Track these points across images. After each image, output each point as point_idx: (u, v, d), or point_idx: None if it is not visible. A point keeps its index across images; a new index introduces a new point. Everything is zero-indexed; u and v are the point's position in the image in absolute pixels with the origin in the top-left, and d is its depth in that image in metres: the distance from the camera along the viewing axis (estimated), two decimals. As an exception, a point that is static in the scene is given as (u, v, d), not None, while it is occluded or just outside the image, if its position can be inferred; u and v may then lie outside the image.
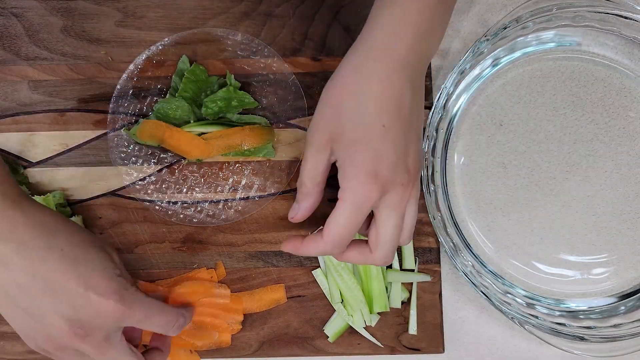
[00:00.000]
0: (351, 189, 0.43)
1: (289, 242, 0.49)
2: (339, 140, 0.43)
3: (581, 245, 0.57)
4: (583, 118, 0.58)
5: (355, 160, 0.43)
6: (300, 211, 0.48)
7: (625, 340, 0.53)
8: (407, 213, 0.46)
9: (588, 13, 0.55)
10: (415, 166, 0.45)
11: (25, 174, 0.58)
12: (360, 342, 0.57)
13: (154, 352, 0.51)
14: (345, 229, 0.44)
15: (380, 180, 0.43)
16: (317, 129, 0.45)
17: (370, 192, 0.43)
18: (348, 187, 0.43)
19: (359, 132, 0.43)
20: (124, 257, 0.58)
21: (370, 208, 0.44)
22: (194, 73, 0.56)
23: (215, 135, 0.55)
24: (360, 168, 0.43)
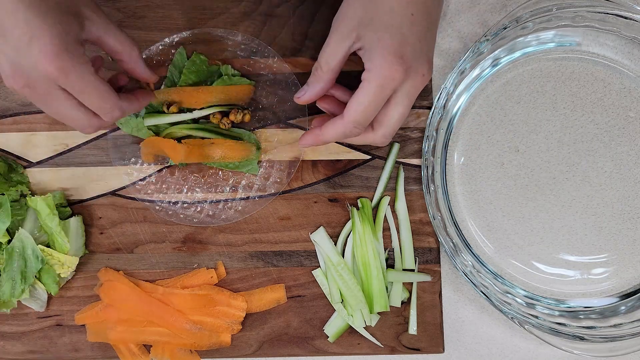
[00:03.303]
0: (377, 69, 0.45)
1: (307, 135, 0.50)
2: (368, 25, 0.45)
3: (581, 245, 0.57)
4: (583, 118, 0.58)
5: (384, 42, 0.45)
6: (307, 93, 0.50)
7: (625, 340, 0.53)
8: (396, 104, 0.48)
9: (588, 13, 0.55)
10: (431, 61, 0.48)
11: (25, 174, 0.58)
12: (360, 342, 0.57)
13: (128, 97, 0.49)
14: (369, 108, 0.46)
15: (405, 63, 0.45)
16: (344, 17, 0.46)
17: (395, 72, 0.45)
18: (374, 67, 0.45)
19: (388, 18, 0.45)
20: (124, 257, 0.58)
21: (392, 90, 0.46)
22: (194, 63, 0.56)
23: (197, 142, 0.56)
24: (387, 49, 0.45)
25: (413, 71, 0.46)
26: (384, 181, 0.58)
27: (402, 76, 0.45)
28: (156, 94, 0.56)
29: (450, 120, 0.58)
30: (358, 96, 0.46)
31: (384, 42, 0.45)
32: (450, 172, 0.58)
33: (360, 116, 0.46)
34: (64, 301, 0.58)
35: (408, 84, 0.46)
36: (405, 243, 0.57)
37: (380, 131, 0.49)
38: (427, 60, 0.47)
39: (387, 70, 0.45)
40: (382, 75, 0.45)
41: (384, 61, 0.45)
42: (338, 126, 0.48)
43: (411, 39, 0.45)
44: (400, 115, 0.48)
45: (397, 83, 0.45)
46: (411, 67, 0.45)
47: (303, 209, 0.58)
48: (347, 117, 0.47)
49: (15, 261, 0.55)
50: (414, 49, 0.45)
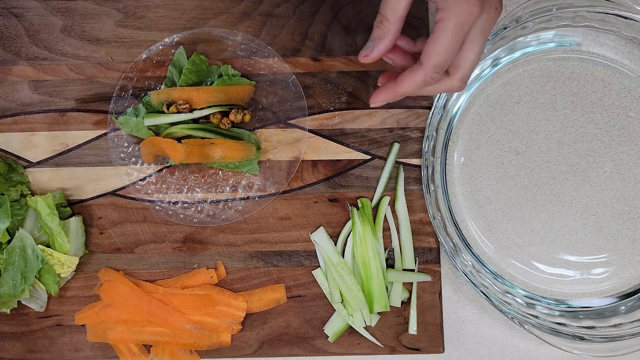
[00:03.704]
0: (454, 5, 0.42)
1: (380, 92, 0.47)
2: None
3: (581, 245, 0.57)
4: (583, 118, 0.58)
5: None
6: (375, 49, 0.46)
7: (625, 340, 0.53)
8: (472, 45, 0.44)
9: (588, 13, 0.55)
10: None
11: (25, 174, 0.58)
12: (360, 342, 0.57)
13: None
14: (449, 49, 0.43)
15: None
16: None
17: (473, 6, 0.42)
18: (450, 4, 0.42)
19: None
20: (124, 257, 0.58)
21: (471, 25, 0.43)
22: (194, 63, 0.56)
23: (197, 142, 0.56)
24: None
25: (487, 4, 0.43)
26: (384, 181, 0.58)
27: (479, 10, 0.42)
28: (156, 94, 0.56)
29: (450, 120, 0.58)
30: (437, 38, 0.42)
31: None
32: (450, 172, 0.58)
33: (442, 59, 0.43)
34: (64, 301, 0.58)
35: (483, 18, 0.43)
36: (405, 243, 0.57)
37: (457, 75, 0.45)
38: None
39: (465, 6, 0.42)
40: (460, 11, 0.42)
41: None
42: (418, 75, 0.44)
43: None
44: (476, 54, 0.44)
45: (475, 18, 0.42)
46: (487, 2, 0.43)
47: (303, 209, 0.58)
48: (427, 62, 0.43)
49: (16, 261, 0.55)
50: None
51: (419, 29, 0.58)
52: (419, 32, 0.58)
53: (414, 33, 0.58)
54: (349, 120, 0.58)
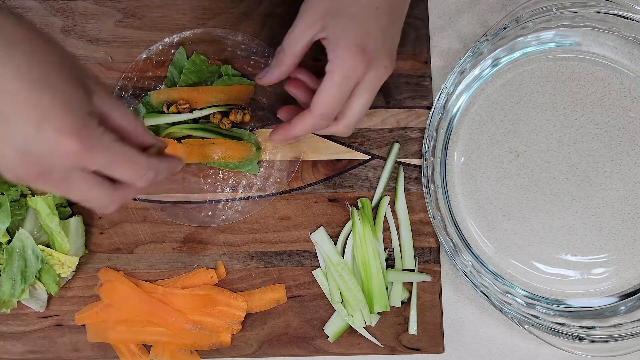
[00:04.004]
0: (341, 60, 0.46)
1: (277, 131, 0.51)
2: (334, 16, 0.46)
3: (581, 245, 0.57)
4: (583, 118, 0.58)
5: (347, 34, 0.46)
6: (268, 75, 0.50)
7: (625, 340, 0.53)
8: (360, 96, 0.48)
9: (588, 13, 0.55)
10: (394, 54, 0.48)
11: (25, 174, 0.58)
12: (360, 342, 0.57)
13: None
14: (335, 99, 0.47)
15: (367, 54, 0.46)
16: (312, 5, 0.47)
17: (358, 64, 0.46)
18: (338, 59, 0.46)
19: (354, 10, 0.46)
20: (124, 257, 0.58)
21: (356, 81, 0.47)
22: (194, 63, 0.56)
23: (197, 142, 0.56)
24: (351, 41, 0.45)
25: (375, 63, 0.46)
26: (384, 181, 0.58)
27: (365, 68, 0.46)
28: (156, 94, 0.56)
29: (450, 120, 0.58)
30: (324, 89, 0.47)
31: (347, 34, 0.46)
32: (450, 172, 0.58)
33: (328, 109, 0.47)
34: (64, 301, 0.58)
35: (371, 75, 0.47)
36: (405, 243, 0.57)
37: (342, 122, 0.49)
38: (389, 53, 0.48)
39: (350, 62, 0.45)
40: (345, 67, 0.46)
41: (347, 53, 0.45)
42: (306, 120, 0.49)
43: (374, 32, 0.46)
44: (362, 106, 0.48)
45: (360, 74, 0.46)
46: (374, 59, 0.46)
47: (303, 209, 0.58)
48: (315, 110, 0.47)
49: (15, 261, 0.55)
50: (376, 42, 0.46)
51: (419, 29, 0.58)
52: (418, 32, 0.58)
53: (414, 33, 0.58)
54: (349, 120, 0.58)
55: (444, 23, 0.59)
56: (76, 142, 0.36)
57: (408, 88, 0.58)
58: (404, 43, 0.58)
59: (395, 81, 0.58)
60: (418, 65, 0.58)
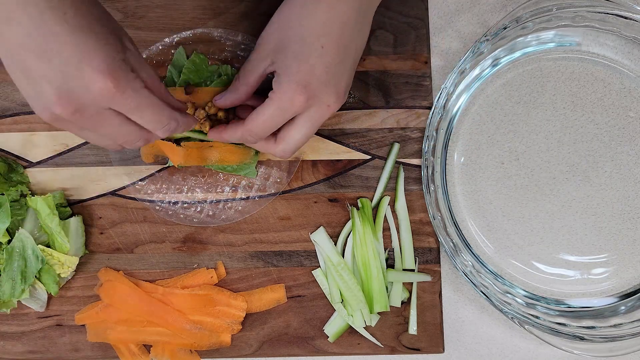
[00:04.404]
0: (281, 93, 0.47)
1: (216, 130, 0.53)
2: (282, 52, 0.48)
3: (581, 245, 0.57)
4: (583, 118, 0.58)
5: (290, 70, 0.47)
6: (223, 99, 0.53)
7: (625, 340, 0.53)
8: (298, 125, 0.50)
9: (588, 13, 0.55)
10: (344, 94, 0.49)
11: (25, 174, 0.58)
12: (360, 342, 0.57)
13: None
14: (265, 124, 0.49)
15: (308, 92, 0.47)
16: (264, 40, 0.49)
17: (296, 100, 0.47)
18: (278, 91, 0.47)
19: (299, 48, 0.47)
20: (124, 257, 0.58)
21: (292, 114, 0.48)
22: (194, 62, 0.56)
23: (196, 145, 0.55)
24: (293, 76, 0.47)
25: (317, 100, 0.48)
26: (384, 181, 0.58)
27: (303, 104, 0.47)
28: None
29: (450, 120, 0.58)
30: (259, 110, 0.49)
31: (290, 70, 0.47)
32: (450, 172, 0.58)
33: (256, 128, 0.49)
34: (64, 301, 0.58)
35: (312, 110, 0.48)
36: (405, 243, 0.57)
37: (280, 146, 0.51)
38: (334, 91, 0.48)
39: (288, 97, 0.47)
40: (282, 99, 0.47)
41: (287, 88, 0.47)
42: (237, 130, 0.51)
43: (318, 70, 0.46)
44: (301, 136, 0.50)
45: (298, 109, 0.48)
46: (315, 96, 0.47)
47: (303, 209, 0.58)
48: (246, 124, 0.50)
49: (15, 261, 0.55)
50: (320, 80, 0.47)
51: (419, 29, 0.58)
52: (418, 32, 0.58)
53: (414, 33, 0.58)
54: (349, 120, 0.58)
55: (444, 23, 0.59)
56: (110, 81, 0.40)
57: (408, 88, 0.58)
58: (404, 43, 0.58)
59: (395, 81, 0.58)
60: (418, 65, 0.58)
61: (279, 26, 0.48)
